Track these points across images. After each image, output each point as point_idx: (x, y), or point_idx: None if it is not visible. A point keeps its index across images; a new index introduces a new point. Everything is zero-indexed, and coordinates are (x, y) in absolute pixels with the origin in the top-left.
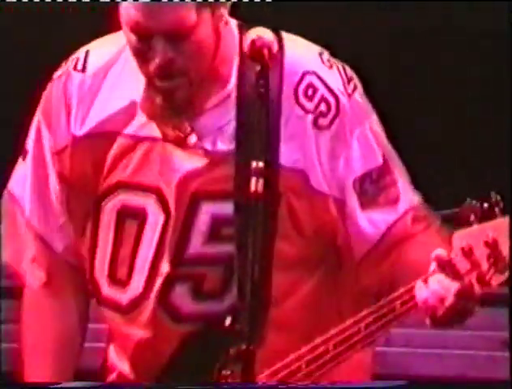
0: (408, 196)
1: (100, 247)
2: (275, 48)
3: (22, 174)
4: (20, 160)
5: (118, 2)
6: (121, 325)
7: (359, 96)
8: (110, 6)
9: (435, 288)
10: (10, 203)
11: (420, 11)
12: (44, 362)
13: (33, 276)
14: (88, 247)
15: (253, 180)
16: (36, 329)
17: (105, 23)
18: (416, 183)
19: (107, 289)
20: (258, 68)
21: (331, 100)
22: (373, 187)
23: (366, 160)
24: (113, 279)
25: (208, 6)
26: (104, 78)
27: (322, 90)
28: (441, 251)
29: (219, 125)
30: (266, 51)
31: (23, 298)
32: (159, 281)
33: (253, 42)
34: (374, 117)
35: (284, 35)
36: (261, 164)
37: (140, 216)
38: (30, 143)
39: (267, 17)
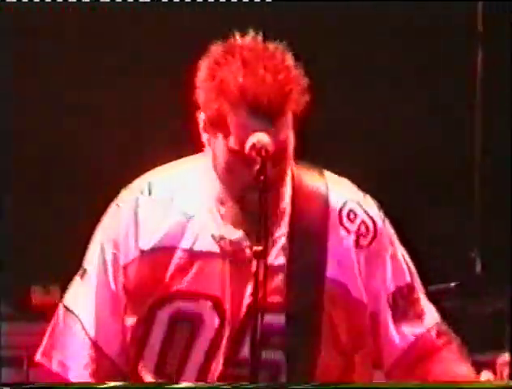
0: (432, 312)
1: (149, 346)
2: (271, 149)
3: (79, 292)
4: (78, 278)
5: (119, 3)
6: None
7: (388, 222)
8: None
9: None
10: (67, 318)
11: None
12: None
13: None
14: (135, 347)
15: (302, 291)
16: None
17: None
18: None
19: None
20: (258, 167)
21: (370, 223)
22: (403, 302)
23: (398, 277)
24: (161, 374)
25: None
26: (168, 201)
27: (361, 215)
28: (488, 375)
29: (273, 237)
30: (263, 152)
31: None
32: (211, 376)
33: (253, 145)
34: (398, 242)
35: (326, 174)
36: (309, 276)
37: (195, 321)
38: (91, 264)
39: (267, 17)
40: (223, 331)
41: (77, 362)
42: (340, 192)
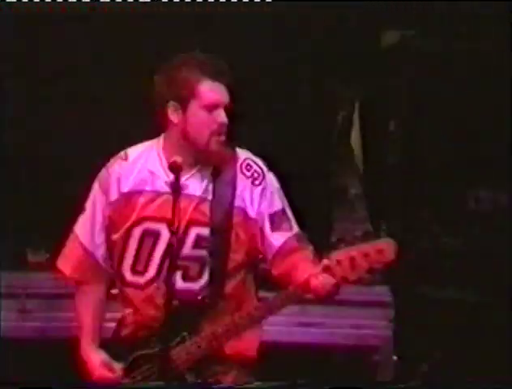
0: (295, 226)
1: (127, 253)
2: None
3: (81, 220)
4: (82, 214)
5: (119, 3)
6: (138, 296)
7: (271, 172)
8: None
9: (323, 280)
10: (73, 238)
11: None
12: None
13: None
14: (118, 254)
15: (222, 213)
16: (83, 311)
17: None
18: None
19: (130, 277)
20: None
21: (259, 171)
22: (278, 220)
23: (275, 204)
24: (134, 270)
25: None
26: (137, 162)
27: (254, 166)
28: (326, 261)
29: (205, 183)
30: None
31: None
32: (165, 269)
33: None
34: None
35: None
36: (224, 205)
37: (156, 235)
38: (88, 202)
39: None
40: (172, 240)
41: (75, 266)
42: (241, 154)
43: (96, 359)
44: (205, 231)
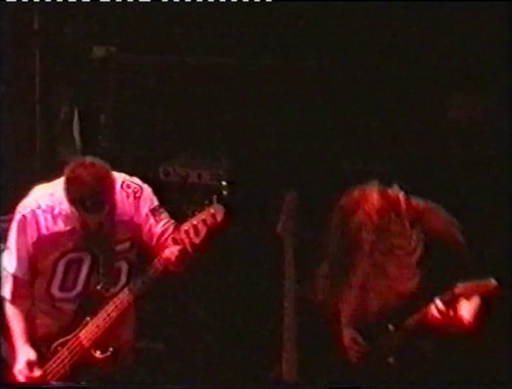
0: (169, 218)
1: (55, 278)
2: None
3: (6, 257)
4: (7, 251)
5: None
6: (67, 305)
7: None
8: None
9: (171, 249)
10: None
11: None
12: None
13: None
14: (46, 280)
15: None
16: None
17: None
18: None
19: (58, 294)
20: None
21: (137, 186)
22: (158, 214)
23: (152, 204)
24: (63, 288)
25: None
26: (50, 207)
27: (131, 184)
28: (176, 234)
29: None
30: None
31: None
32: (90, 284)
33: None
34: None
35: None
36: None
37: (80, 262)
38: (11, 242)
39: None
40: (93, 265)
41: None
42: (118, 176)
43: (24, 356)
44: (121, 246)
